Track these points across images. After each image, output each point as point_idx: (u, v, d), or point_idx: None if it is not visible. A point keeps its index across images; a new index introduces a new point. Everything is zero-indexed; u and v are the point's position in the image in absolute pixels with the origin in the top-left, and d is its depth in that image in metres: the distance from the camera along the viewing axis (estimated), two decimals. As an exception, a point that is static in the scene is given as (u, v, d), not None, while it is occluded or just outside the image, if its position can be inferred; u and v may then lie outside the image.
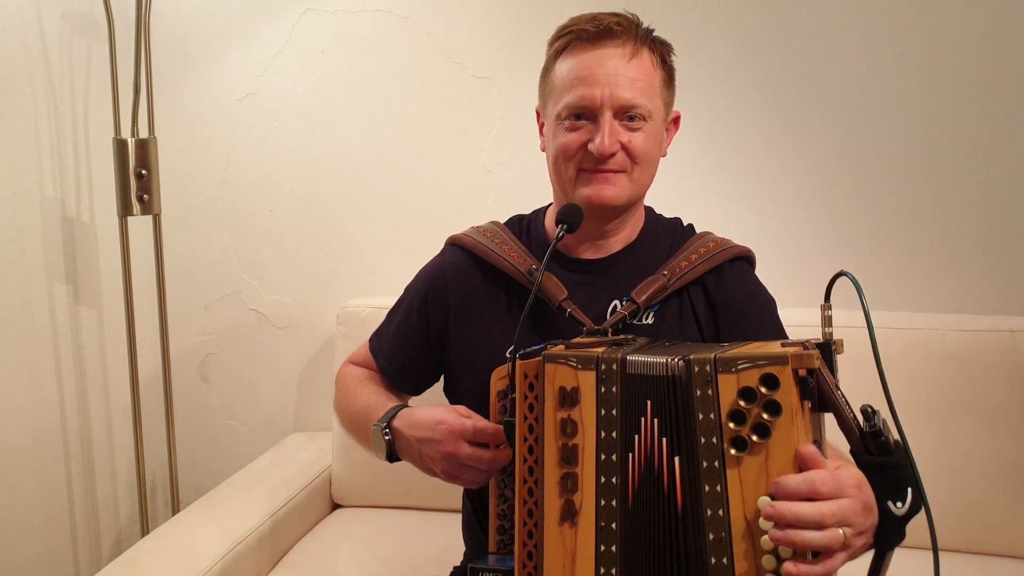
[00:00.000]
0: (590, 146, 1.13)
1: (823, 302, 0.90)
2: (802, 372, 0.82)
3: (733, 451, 0.82)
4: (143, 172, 1.77)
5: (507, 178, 1.90)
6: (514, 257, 1.23)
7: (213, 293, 2.05)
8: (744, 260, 1.25)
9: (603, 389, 0.89)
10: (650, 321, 1.19)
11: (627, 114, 1.13)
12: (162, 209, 1.84)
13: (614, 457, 0.89)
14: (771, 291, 1.26)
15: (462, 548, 1.34)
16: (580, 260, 1.24)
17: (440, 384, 1.34)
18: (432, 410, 1.09)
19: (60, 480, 1.89)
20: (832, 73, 1.76)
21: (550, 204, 1.31)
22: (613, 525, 0.88)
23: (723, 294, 1.20)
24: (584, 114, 1.13)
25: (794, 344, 0.87)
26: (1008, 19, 1.69)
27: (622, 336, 1.07)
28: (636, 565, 0.90)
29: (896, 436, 0.87)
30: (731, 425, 0.82)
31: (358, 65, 1.91)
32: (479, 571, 0.98)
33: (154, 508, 2.10)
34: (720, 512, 0.82)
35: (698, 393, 0.83)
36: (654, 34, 1.17)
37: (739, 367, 0.82)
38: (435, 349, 1.28)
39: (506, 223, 1.32)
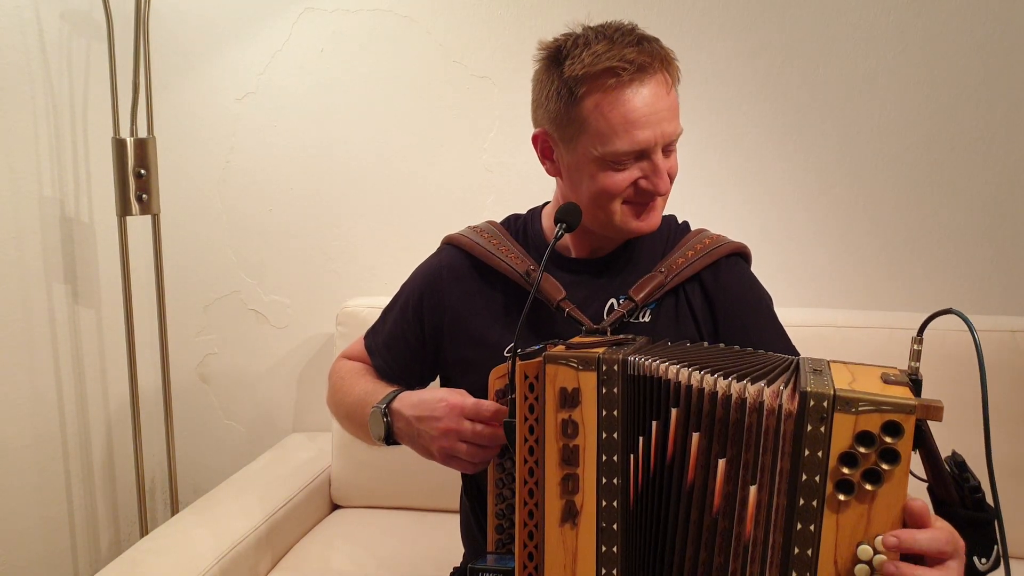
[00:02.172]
0: (643, 183, 1.12)
1: (915, 335, 0.84)
2: None
3: (841, 496, 0.77)
4: (142, 172, 1.77)
5: (507, 178, 1.89)
6: (511, 258, 1.22)
7: (212, 293, 2.04)
8: (740, 256, 1.25)
9: (604, 390, 0.88)
10: (647, 319, 1.19)
11: (669, 143, 1.13)
12: (161, 209, 1.84)
13: (615, 458, 0.88)
14: (771, 291, 1.26)
15: (461, 549, 1.34)
16: (577, 260, 1.24)
17: (436, 383, 1.33)
18: (432, 391, 1.10)
19: (59, 480, 1.88)
20: (832, 72, 1.76)
21: (545, 203, 1.31)
22: (614, 526, 0.88)
23: (720, 290, 1.20)
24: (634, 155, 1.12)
25: (896, 382, 0.82)
26: (1009, 17, 1.69)
27: (621, 336, 1.07)
28: (638, 566, 0.90)
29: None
30: (842, 468, 0.77)
31: (357, 64, 1.91)
32: (479, 572, 0.98)
33: (153, 508, 2.10)
34: (809, 552, 0.79)
35: (808, 428, 0.78)
36: (665, 47, 1.13)
37: (860, 409, 0.77)
38: (430, 349, 1.28)
39: (502, 222, 1.32)
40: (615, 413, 0.88)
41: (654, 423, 0.88)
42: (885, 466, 0.77)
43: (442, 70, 1.88)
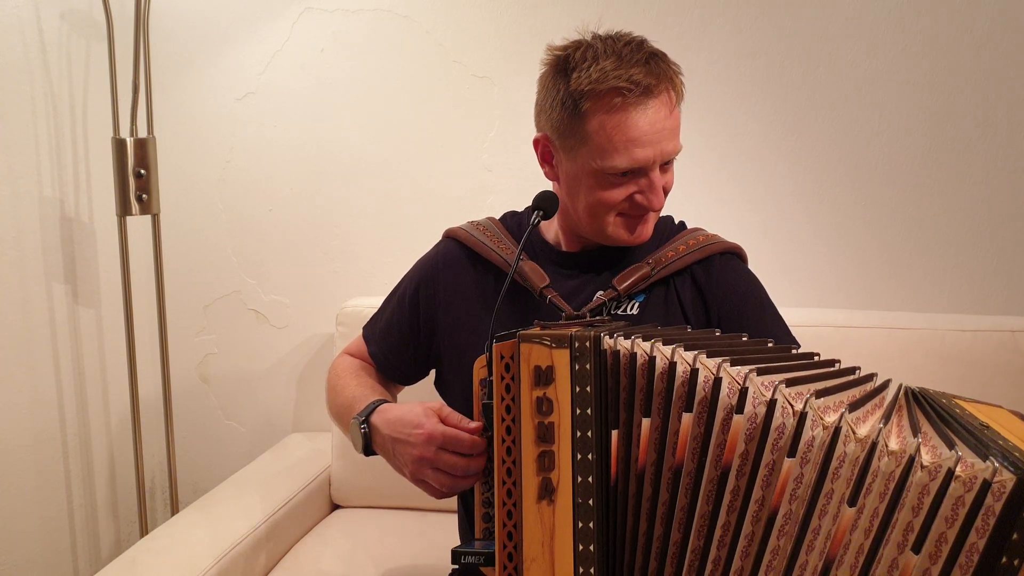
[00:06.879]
0: (638, 198, 1.14)
1: None
2: None
3: None
4: (142, 172, 1.77)
5: (507, 178, 1.89)
6: (501, 248, 1.25)
7: (212, 293, 2.04)
8: (734, 255, 1.26)
9: (577, 367, 0.89)
10: (635, 311, 1.19)
11: (667, 161, 1.15)
12: (161, 209, 1.84)
13: (589, 434, 0.88)
14: (771, 291, 1.26)
15: (461, 548, 1.34)
16: (567, 253, 1.25)
17: (431, 378, 1.35)
18: (412, 411, 1.08)
19: (59, 480, 1.89)
20: (833, 72, 1.76)
21: None
22: (590, 502, 0.88)
23: (713, 282, 1.21)
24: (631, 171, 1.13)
25: None
26: (1009, 16, 1.69)
27: (598, 318, 1.08)
28: (617, 542, 0.89)
29: None
30: None
31: (357, 64, 1.91)
32: (462, 554, 0.98)
33: (153, 508, 2.09)
34: None
35: None
36: (671, 64, 1.15)
37: None
38: (424, 339, 1.30)
39: (500, 219, 1.34)
40: (588, 389, 0.89)
41: (685, 415, 0.85)
42: None
43: (442, 70, 1.88)
